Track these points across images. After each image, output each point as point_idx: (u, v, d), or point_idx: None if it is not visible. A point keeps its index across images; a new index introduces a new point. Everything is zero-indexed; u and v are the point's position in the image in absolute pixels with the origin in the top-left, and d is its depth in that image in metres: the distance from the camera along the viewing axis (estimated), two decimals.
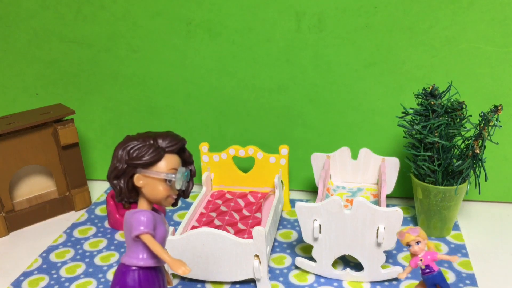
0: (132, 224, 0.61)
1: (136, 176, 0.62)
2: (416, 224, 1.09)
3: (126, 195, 0.63)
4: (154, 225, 0.62)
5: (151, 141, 0.63)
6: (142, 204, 0.64)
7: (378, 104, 1.14)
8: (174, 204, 0.66)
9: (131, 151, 0.62)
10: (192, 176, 0.67)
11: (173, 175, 0.62)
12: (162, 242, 0.65)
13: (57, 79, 1.27)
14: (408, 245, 0.75)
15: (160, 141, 0.63)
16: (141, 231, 0.60)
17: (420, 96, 0.98)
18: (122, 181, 0.63)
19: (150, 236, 0.61)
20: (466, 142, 0.99)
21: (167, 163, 0.62)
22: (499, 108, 0.93)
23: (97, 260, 1.01)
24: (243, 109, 1.21)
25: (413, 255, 0.75)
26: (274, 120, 1.20)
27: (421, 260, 0.73)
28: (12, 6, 1.20)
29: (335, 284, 0.92)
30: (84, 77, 1.25)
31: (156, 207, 0.68)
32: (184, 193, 0.67)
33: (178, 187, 0.63)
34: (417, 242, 0.73)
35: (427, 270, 0.74)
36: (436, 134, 0.95)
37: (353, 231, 0.87)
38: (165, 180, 0.62)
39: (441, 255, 0.74)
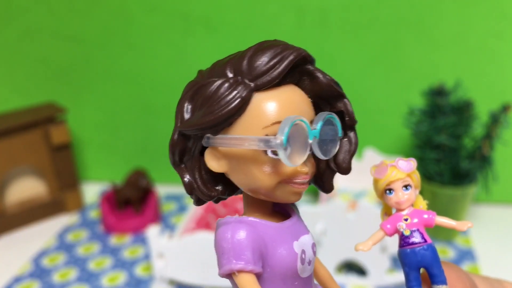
0: (216, 249, 0.32)
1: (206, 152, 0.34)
2: None
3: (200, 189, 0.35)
4: (260, 250, 0.32)
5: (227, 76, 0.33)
6: (245, 204, 0.35)
7: (383, 102, 1.11)
8: (327, 190, 0.36)
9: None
10: (348, 124, 0.34)
11: (271, 137, 0.31)
12: (286, 277, 0.33)
13: (49, 76, 1.24)
14: (388, 190, 0.39)
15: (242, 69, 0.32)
16: (226, 268, 0.32)
17: (426, 95, 0.95)
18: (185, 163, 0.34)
19: (249, 276, 0.31)
20: (474, 143, 0.96)
21: (260, 114, 0.32)
22: (508, 107, 0.91)
23: (91, 265, 0.98)
24: None
25: (389, 209, 0.42)
26: None
27: (406, 219, 0.39)
28: (2, 1, 1.18)
29: None
30: (77, 75, 1.23)
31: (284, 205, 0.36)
32: (337, 165, 0.35)
33: (288, 163, 0.30)
34: (406, 187, 0.39)
35: (412, 240, 0.38)
36: (444, 135, 0.93)
37: (357, 235, 0.85)
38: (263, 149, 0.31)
39: (441, 220, 0.39)
